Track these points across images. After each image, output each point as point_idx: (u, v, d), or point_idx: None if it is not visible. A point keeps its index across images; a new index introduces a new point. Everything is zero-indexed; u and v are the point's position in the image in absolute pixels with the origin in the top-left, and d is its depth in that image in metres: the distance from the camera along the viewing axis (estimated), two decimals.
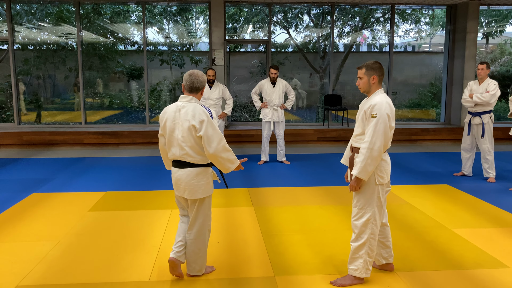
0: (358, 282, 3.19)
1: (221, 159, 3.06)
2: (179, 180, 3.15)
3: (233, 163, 3.13)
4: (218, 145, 3.04)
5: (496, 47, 12.49)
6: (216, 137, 3.03)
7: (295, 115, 11.30)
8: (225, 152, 3.07)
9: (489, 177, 6.26)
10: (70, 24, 10.15)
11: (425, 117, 11.59)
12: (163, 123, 3.16)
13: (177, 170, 3.16)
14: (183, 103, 3.12)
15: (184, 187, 3.14)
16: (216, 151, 3.03)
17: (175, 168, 3.18)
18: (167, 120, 3.12)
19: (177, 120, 3.08)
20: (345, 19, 11.42)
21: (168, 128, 3.12)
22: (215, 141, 3.03)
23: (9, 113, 10.05)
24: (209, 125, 3.03)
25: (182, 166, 3.14)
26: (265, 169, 7.15)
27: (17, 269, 3.46)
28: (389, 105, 3.05)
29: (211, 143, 3.02)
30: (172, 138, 3.12)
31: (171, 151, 3.16)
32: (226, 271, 3.44)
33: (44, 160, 7.83)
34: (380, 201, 3.12)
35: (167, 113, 3.14)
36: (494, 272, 3.40)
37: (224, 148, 3.06)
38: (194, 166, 3.12)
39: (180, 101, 3.15)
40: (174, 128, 3.09)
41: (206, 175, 3.17)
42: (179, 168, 3.15)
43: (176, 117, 3.09)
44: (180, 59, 10.87)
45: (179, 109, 3.09)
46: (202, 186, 3.14)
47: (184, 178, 3.13)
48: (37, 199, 5.38)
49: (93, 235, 4.19)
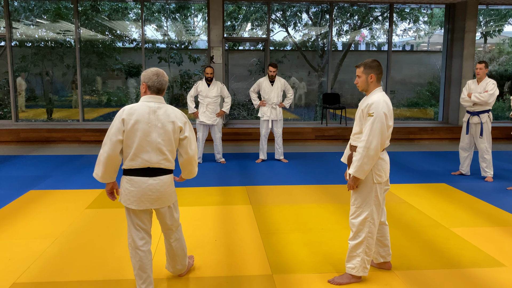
0: (356, 280, 3.19)
1: (194, 162, 2.99)
2: (151, 190, 2.81)
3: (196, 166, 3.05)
4: (195, 148, 2.97)
5: (495, 47, 12.50)
6: (193, 138, 2.93)
7: (294, 113, 11.30)
8: (196, 154, 3.00)
9: (487, 176, 6.27)
10: (68, 21, 10.12)
11: (423, 116, 11.61)
12: (130, 126, 2.72)
13: (147, 180, 2.80)
14: (156, 104, 2.80)
15: (156, 197, 2.84)
16: (194, 153, 2.95)
17: (143, 178, 2.80)
18: (138, 122, 2.73)
19: (153, 122, 2.75)
20: (343, 17, 11.42)
21: (142, 131, 2.73)
22: (194, 143, 2.94)
23: (6, 110, 10.02)
24: (190, 127, 2.92)
25: (155, 174, 2.82)
26: (263, 167, 7.14)
27: (14, 266, 3.45)
28: (387, 104, 3.04)
29: (192, 145, 2.91)
30: (147, 143, 2.75)
31: (140, 158, 2.76)
32: (223, 269, 3.44)
33: (41, 157, 7.81)
34: (378, 199, 3.12)
35: (135, 115, 2.73)
36: (491, 271, 3.40)
37: (196, 148, 2.99)
38: (168, 172, 2.90)
39: (150, 101, 2.81)
40: (149, 131, 2.75)
41: (172, 181, 3.01)
42: (151, 177, 2.81)
43: (152, 119, 2.75)
44: (179, 57, 10.85)
45: (154, 110, 2.77)
46: (173, 192, 3.00)
47: (159, 188, 2.83)
48: (34, 196, 5.36)
49: (90, 233, 4.18)
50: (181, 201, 5.19)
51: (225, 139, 8.39)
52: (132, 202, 2.82)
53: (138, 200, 2.82)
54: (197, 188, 5.77)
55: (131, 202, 2.83)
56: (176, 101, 11.05)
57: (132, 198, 2.82)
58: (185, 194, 5.52)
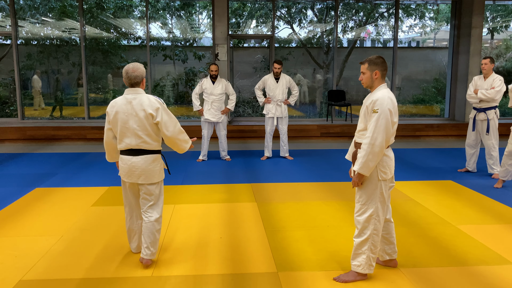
0: (361, 278, 3.17)
1: (178, 140, 3.34)
2: (134, 167, 3.30)
3: (188, 143, 3.43)
4: (175, 128, 3.30)
5: (501, 43, 12.39)
6: (171, 121, 3.29)
7: (299, 110, 11.27)
8: (181, 134, 3.35)
9: (494, 173, 6.22)
10: (73, 19, 10.15)
11: (429, 112, 11.54)
12: (112, 116, 3.30)
13: (131, 158, 3.31)
14: (132, 95, 3.27)
15: (140, 173, 3.31)
16: (174, 133, 3.30)
17: (128, 156, 3.32)
18: (117, 112, 3.27)
19: (129, 112, 3.23)
20: (349, 14, 11.36)
21: (121, 120, 3.26)
22: (171, 125, 3.28)
23: (12, 108, 10.07)
24: (164, 111, 3.27)
25: (137, 153, 3.31)
26: (268, 164, 7.14)
27: (20, 263, 3.46)
28: (391, 100, 3.02)
29: (168, 127, 3.27)
30: (126, 129, 3.27)
31: (124, 141, 3.30)
32: (228, 266, 3.43)
33: (47, 155, 7.84)
34: (383, 196, 3.10)
35: (116, 107, 3.28)
36: (498, 269, 3.38)
37: (180, 130, 3.34)
38: (150, 153, 3.33)
39: (127, 94, 3.29)
40: (127, 119, 3.24)
41: (159, 161, 3.40)
42: (134, 156, 3.30)
43: (128, 108, 3.24)
44: (183, 54, 10.85)
45: (130, 101, 3.25)
46: (157, 171, 3.37)
47: (141, 165, 3.30)
48: (40, 193, 5.39)
49: (96, 230, 4.20)
50: (187, 199, 5.20)
51: (230, 136, 8.38)
52: (124, 175, 3.40)
53: (127, 174, 3.37)
54: (202, 186, 5.77)
55: (123, 176, 3.42)
56: (181, 98, 11.06)
57: (123, 172, 3.39)
58: (190, 191, 5.52)
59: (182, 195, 5.36)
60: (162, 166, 3.43)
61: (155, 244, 3.42)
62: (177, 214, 4.64)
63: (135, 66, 3.29)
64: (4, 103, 10.22)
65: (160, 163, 3.40)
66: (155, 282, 3.18)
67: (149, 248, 3.39)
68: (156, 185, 3.40)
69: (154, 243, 3.41)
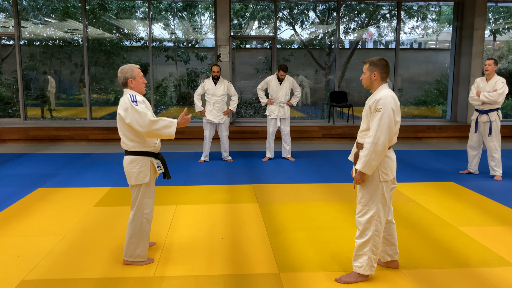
0: (363, 279, 3.17)
1: (155, 131, 3.21)
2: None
3: (170, 127, 3.22)
4: (144, 123, 3.19)
5: (504, 44, 12.38)
6: (141, 117, 3.19)
7: (301, 112, 11.27)
8: (154, 124, 3.19)
9: (496, 175, 6.21)
10: (76, 19, 10.18)
11: (431, 114, 11.53)
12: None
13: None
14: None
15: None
16: (147, 127, 3.19)
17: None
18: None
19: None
20: (351, 15, 11.37)
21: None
22: (142, 121, 3.19)
23: (15, 108, 10.10)
24: (132, 111, 3.21)
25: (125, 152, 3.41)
26: (270, 165, 7.14)
27: (22, 263, 3.48)
28: (394, 100, 3.02)
29: (140, 124, 3.19)
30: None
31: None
32: (230, 267, 3.44)
33: (49, 155, 7.86)
34: (385, 198, 3.10)
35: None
36: (499, 271, 3.37)
37: (151, 121, 3.19)
38: (128, 153, 3.35)
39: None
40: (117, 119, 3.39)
41: (139, 163, 3.31)
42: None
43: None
44: (186, 55, 10.87)
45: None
46: (135, 173, 3.32)
47: (124, 164, 3.38)
48: (42, 194, 5.40)
49: (98, 230, 4.21)
50: (189, 199, 5.20)
51: (232, 137, 8.39)
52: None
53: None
54: (204, 186, 5.78)
55: None
56: (183, 99, 11.07)
57: None
58: (192, 192, 5.53)
59: (184, 195, 5.37)
60: (143, 170, 3.32)
61: (128, 246, 3.42)
62: (179, 214, 4.65)
63: (121, 68, 3.37)
64: (7, 104, 10.24)
65: (140, 166, 3.31)
66: (157, 282, 3.19)
67: (125, 247, 3.44)
68: (134, 188, 3.37)
69: (127, 245, 3.42)
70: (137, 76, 3.37)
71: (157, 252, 3.70)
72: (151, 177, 3.38)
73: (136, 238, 3.41)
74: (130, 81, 3.36)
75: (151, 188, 3.43)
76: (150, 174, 3.36)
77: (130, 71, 3.35)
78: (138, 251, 3.44)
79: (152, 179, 3.41)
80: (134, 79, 3.36)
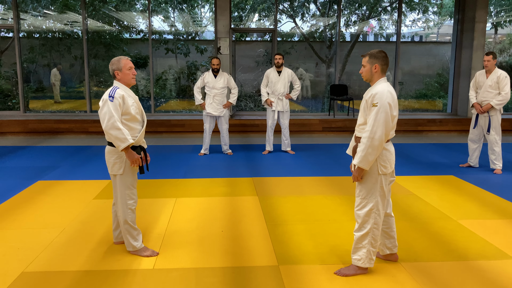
0: (362, 272, 3.18)
1: (110, 135, 3.25)
2: None
3: (122, 142, 3.24)
4: (108, 122, 3.22)
5: (505, 37, 12.33)
6: (107, 115, 3.22)
7: (301, 105, 11.25)
8: (113, 130, 3.23)
9: (496, 168, 6.21)
10: (76, 12, 10.13)
11: (432, 107, 11.51)
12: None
13: None
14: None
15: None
16: (106, 127, 3.24)
17: None
18: None
19: None
20: (352, 8, 11.31)
21: None
22: (106, 119, 3.23)
23: (15, 101, 10.08)
24: (105, 104, 3.25)
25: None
26: (269, 158, 7.14)
27: (22, 255, 3.48)
28: (391, 94, 3.01)
29: (104, 120, 3.24)
30: None
31: None
32: (230, 259, 3.45)
33: (49, 148, 7.86)
34: (383, 190, 3.10)
35: None
36: (498, 264, 3.38)
37: (113, 125, 3.22)
38: (108, 143, 3.37)
39: None
40: None
41: (115, 155, 3.36)
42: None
43: None
44: (186, 48, 10.83)
45: None
46: (111, 164, 3.39)
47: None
48: (42, 186, 5.41)
49: (97, 223, 4.21)
50: (188, 192, 5.21)
51: (232, 130, 8.38)
52: None
53: None
54: (204, 179, 5.78)
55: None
56: (183, 92, 11.05)
57: None
58: (192, 185, 5.53)
59: (184, 188, 5.37)
60: (117, 161, 3.36)
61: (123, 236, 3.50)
62: (179, 207, 4.65)
63: (111, 61, 3.39)
64: (6, 96, 10.23)
65: (114, 158, 3.36)
66: (156, 275, 3.20)
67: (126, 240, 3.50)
68: (113, 177, 3.43)
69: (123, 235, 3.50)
70: (123, 67, 3.35)
71: (157, 244, 3.71)
72: (125, 169, 3.39)
73: (127, 229, 3.47)
74: (116, 72, 3.37)
75: (129, 179, 3.43)
76: (125, 166, 3.38)
77: (117, 62, 3.35)
78: (136, 243, 3.50)
79: (128, 171, 3.41)
80: (120, 70, 3.35)
